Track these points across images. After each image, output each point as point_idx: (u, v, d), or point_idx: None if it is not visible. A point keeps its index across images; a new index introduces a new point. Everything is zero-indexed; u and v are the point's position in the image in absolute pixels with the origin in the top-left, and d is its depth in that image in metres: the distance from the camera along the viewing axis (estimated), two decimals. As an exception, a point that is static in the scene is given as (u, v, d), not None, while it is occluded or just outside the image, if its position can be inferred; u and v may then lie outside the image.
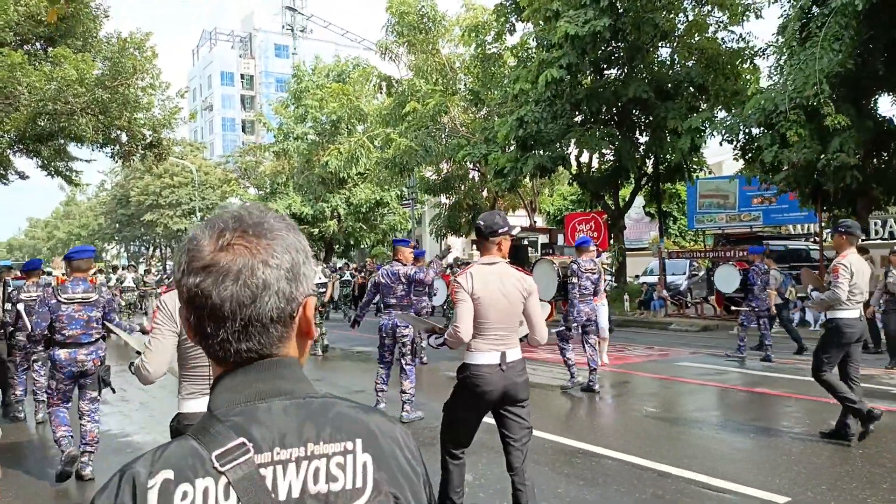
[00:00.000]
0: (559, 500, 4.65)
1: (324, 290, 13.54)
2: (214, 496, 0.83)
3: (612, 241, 20.28)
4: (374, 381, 7.40)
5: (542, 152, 18.10)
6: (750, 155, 15.90)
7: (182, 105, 17.80)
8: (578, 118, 18.83)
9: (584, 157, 20.81)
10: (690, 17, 18.50)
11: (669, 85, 17.72)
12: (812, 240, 21.63)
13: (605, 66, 18.81)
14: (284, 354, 0.94)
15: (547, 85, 16.28)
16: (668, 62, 18.55)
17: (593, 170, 20.53)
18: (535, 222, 26.16)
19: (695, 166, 19.45)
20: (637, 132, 19.04)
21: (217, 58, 77.90)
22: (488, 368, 3.56)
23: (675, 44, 18.68)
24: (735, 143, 16.32)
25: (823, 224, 16.97)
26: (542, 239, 25.10)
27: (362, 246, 39.75)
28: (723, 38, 17.94)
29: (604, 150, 17.67)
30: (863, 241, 16.88)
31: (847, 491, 4.58)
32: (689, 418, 7.14)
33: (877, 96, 15.17)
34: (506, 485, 4.91)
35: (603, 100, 17.71)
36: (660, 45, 18.67)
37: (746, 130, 14.55)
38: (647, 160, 19.68)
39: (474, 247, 25.83)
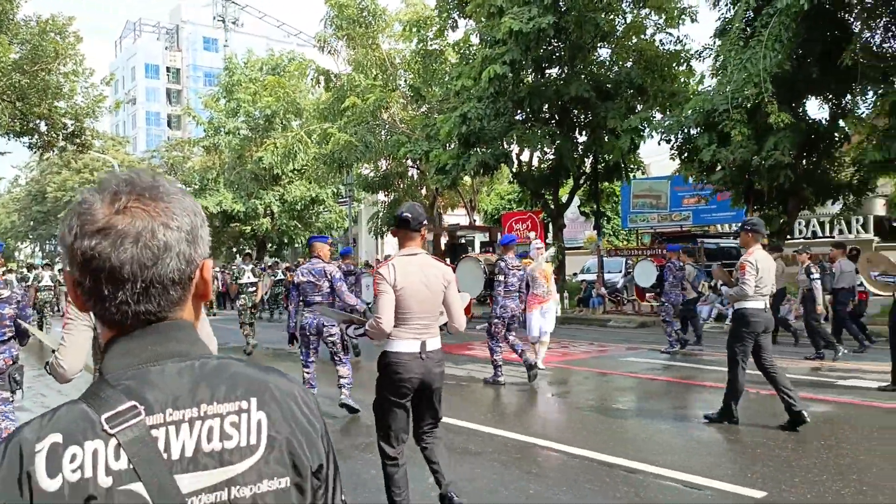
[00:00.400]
0: (532, 500, 4.44)
1: (253, 289, 13.04)
2: (104, 458, 0.84)
3: (552, 240, 20.37)
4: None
5: (484, 150, 17.99)
6: (686, 155, 16.24)
7: (107, 93, 16.84)
8: (520, 116, 18.82)
9: (525, 156, 20.83)
10: (629, 20, 18.79)
11: (609, 85, 17.88)
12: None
13: (547, 65, 18.85)
14: (180, 317, 0.94)
15: (490, 81, 16.17)
16: (607, 63, 18.74)
17: (533, 168, 20.55)
18: (474, 220, 26.08)
19: (632, 166, 19.74)
20: (577, 131, 19.15)
21: (141, 49, 74.88)
22: (408, 356, 3.62)
23: (614, 45, 18.92)
24: (672, 143, 16.64)
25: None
26: (482, 237, 25.06)
27: (296, 245, 38.90)
28: (661, 41, 18.26)
29: (545, 149, 17.67)
30: (788, 240, 17.54)
31: (819, 483, 4.55)
32: (647, 413, 7.09)
33: (806, 99, 15.72)
34: (472, 486, 4.70)
35: (545, 98, 17.74)
36: (599, 45, 18.88)
37: (685, 130, 14.81)
38: (586, 159, 19.85)
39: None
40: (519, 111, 18.55)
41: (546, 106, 18.32)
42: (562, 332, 14.59)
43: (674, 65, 18.16)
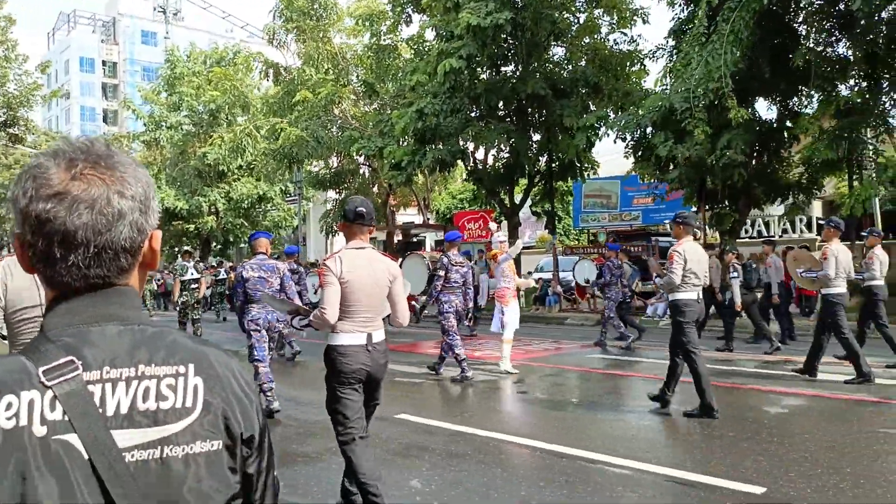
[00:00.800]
0: (527, 503, 4.19)
1: (196, 286, 12.79)
2: (40, 408, 0.86)
3: (508, 239, 20.26)
4: (261, 383, 6.66)
5: (440, 146, 17.74)
6: (640, 153, 16.35)
7: (42, 81, 15.87)
8: (475, 113, 18.65)
9: (480, 154, 20.69)
10: (582, 20, 18.85)
11: (563, 85, 17.86)
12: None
13: (501, 62, 18.73)
14: (126, 283, 0.97)
15: (445, 75, 15.93)
16: (563, 61, 18.74)
17: (488, 167, 20.41)
18: (427, 219, 25.80)
19: (587, 165, 19.79)
20: (533, 129, 19.10)
21: (76, 42, 71.78)
22: (355, 348, 3.67)
23: (568, 44, 18.94)
24: (627, 141, 16.74)
25: (706, 222, 17.72)
26: (436, 235, 24.80)
27: (241, 245, 37.86)
28: (615, 40, 18.37)
29: (502, 146, 17.50)
30: (738, 238, 17.84)
31: (815, 477, 4.44)
32: (627, 409, 6.96)
33: (756, 100, 16.03)
34: (458, 490, 4.43)
35: (501, 95, 17.61)
36: (554, 44, 18.87)
37: (642, 128, 14.87)
38: (541, 158, 19.82)
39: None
40: (475, 108, 18.39)
41: (502, 103, 18.20)
42: (520, 331, 14.43)
43: (627, 64, 18.30)
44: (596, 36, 18.79)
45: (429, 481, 4.59)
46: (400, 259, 11.65)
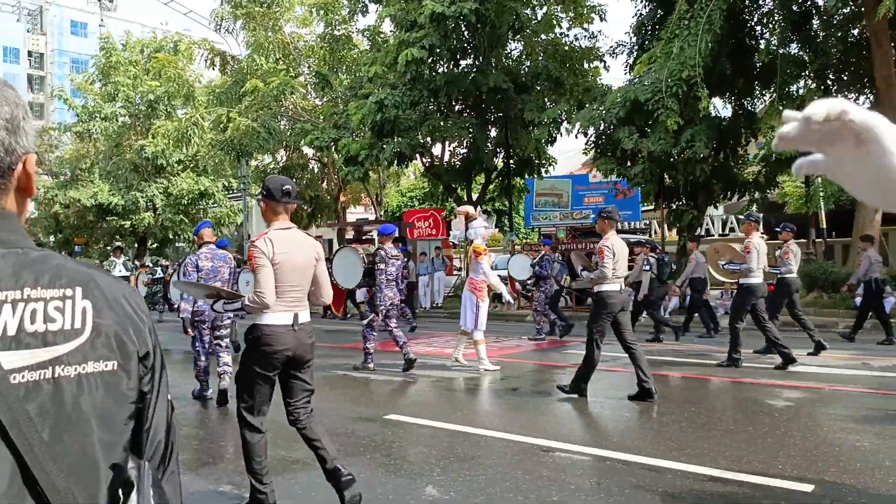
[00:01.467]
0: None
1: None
2: None
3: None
4: (197, 375, 7.00)
5: (399, 139, 17.19)
6: (601, 149, 16.22)
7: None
8: (433, 106, 18.18)
9: (437, 149, 20.23)
10: (539, 15, 18.63)
11: (524, 79, 17.59)
12: (648, 234, 22.82)
13: (461, 55, 18.32)
14: (2, 207, 0.95)
15: (407, 65, 15.43)
16: (522, 55, 18.47)
17: (446, 162, 19.97)
18: (380, 216, 25.12)
19: (544, 161, 19.58)
20: (491, 124, 18.76)
21: (-1, 31, 67.92)
22: (281, 328, 3.61)
23: (527, 39, 18.69)
24: (590, 136, 16.60)
25: (664, 219, 17.76)
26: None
27: (179, 244, 36.30)
28: (576, 36, 18.21)
29: (463, 140, 17.05)
30: (694, 236, 17.93)
31: (865, 472, 4.15)
32: (626, 405, 6.60)
33: (714, 97, 16.13)
34: (483, 497, 3.96)
35: (461, 88, 17.18)
36: (513, 38, 18.58)
37: (606, 122, 14.70)
38: (499, 153, 19.52)
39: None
40: (434, 101, 17.91)
41: (462, 96, 17.78)
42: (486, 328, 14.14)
43: (584, 60, 18.17)
44: (555, 31, 18.62)
45: (446, 488, 4.10)
46: (333, 251, 11.52)
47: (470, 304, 8.57)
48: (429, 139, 18.16)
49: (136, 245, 33.06)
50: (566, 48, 18.17)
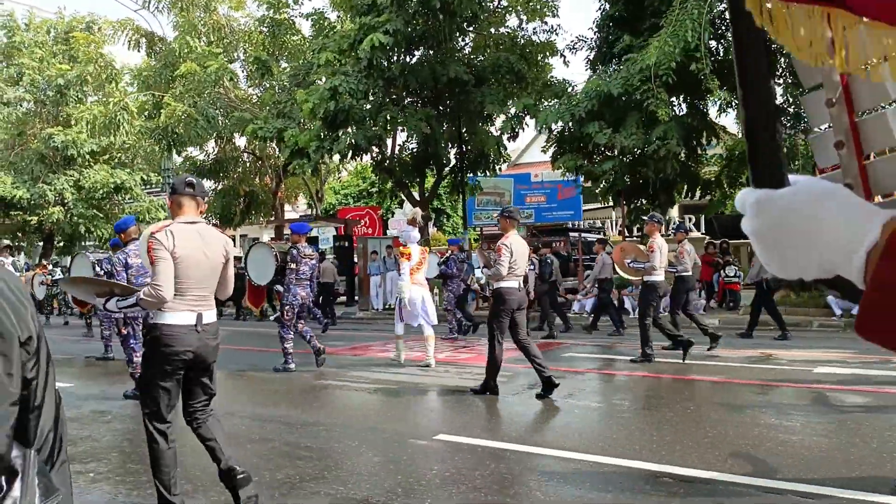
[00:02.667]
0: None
1: None
2: None
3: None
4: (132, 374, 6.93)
5: (353, 130, 16.17)
6: (565, 144, 15.80)
7: None
8: (388, 97, 17.24)
9: (388, 142, 19.29)
10: (492, 6, 18.10)
11: (484, 70, 16.93)
12: (602, 233, 22.69)
13: (415, 45, 17.47)
14: None
15: (372, 49, 14.44)
16: (481, 47, 17.82)
17: (397, 156, 19.05)
18: (320, 213, 23.87)
19: (500, 158, 19.02)
20: (446, 117, 17.99)
21: None
22: (183, 329, 3.44)
23: (485, 28, 18.09)
24: (553, 132, 16.16)
25: (626, 217, 17.52)
26: (332, 231, 22.99)
27: (89, 242, 33.51)
28: (535, 30, 17.74)
29: (424, 132, 16.16)
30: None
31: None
32: (633, 409, 6.00)
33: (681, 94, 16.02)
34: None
35: (419, 79, 16.33)
36: (468, 29, 17.93)
37: (576, 117, 14.24)
38: (452, 149, 18.80)
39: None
40: (389, 91, 16.99)
41: (419, 88, 16.92)
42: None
43: (542, 55, 17.73)
44: (510, 25, 18.13)
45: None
46: (246, 249, 11.41)
47: (420, 304, 8.79)
48: (384, 131, 17.18)
49: (40, 243, 30.27)
50: (522, 41, 17.67)
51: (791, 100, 14.55)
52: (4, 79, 27.15)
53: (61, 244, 31.19)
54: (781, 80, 14.89)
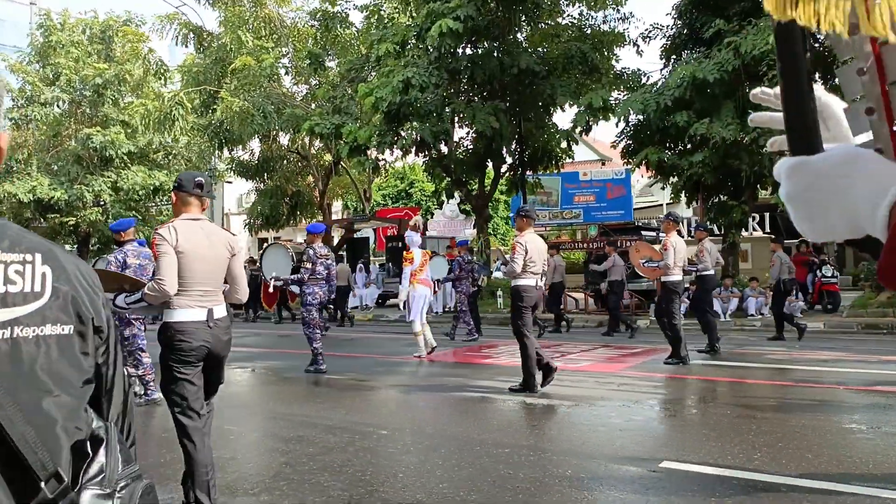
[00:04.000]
0: None
1: None
2: None
3: (478, 234, 18.33)
4: (143, 373, 6.73)
5: (418, 124, 15.41)
6: (643, 137, 15.01)
7: None
8: (453, 90, 16.50)
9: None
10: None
11: (555, 62, 16.11)
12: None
13: (479, 36, 16.66)
14: None
15: (441, 36, 13.67)
16: (549, 36, 16.99)
17: (455, 153, 18.25)
18: (368, 212, 23.12)
19: (565, 154, 18.20)
20: (512, 111, 17.18)
21: None
22: (195, 325, 3.43)
23: (544, 20, 17.29)
24: (625, 126, 15.41)
25: (704, 214, 16.64)
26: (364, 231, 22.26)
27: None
28: (605, 18, 16.93)
29: (493, 126, 15.29)
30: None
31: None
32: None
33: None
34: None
35: (488, 70, 15.52)
36: (533, 16, 17.11)
37: (664, 105, 13.40)
38: (514, 143, 18.00)
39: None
40: (453, 84, 16.22)
41: (487, 80, 16.10)
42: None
43: (614, 45, 16.92)
44: (571, 15, 17.32)
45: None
46: (262, 249, 11.71)
47: (419, 297, 9.54)
48: (450, 125, 16.40)
49: (76, 246, 29.78)
50: (591, 31, 16.85)
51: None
52: (41, 78, 26.69)
53: (97, 247, 30.72)
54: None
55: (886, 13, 0.64)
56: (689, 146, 14.02)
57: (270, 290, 10.02)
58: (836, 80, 0.82)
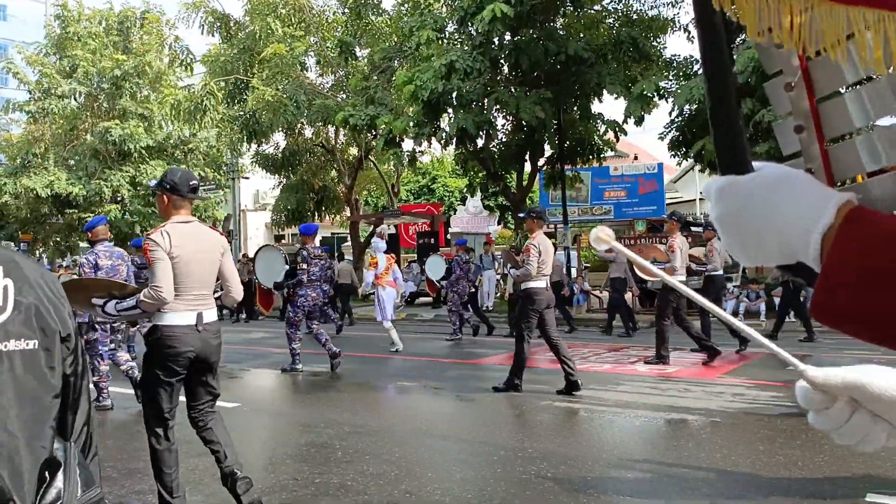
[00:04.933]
0: None
1: None
2: None
3: (515, 230, 17.61)
4: (97, 379, 6.58)
5: (460, 114, 14.68)
6: (697, 127, 14.28)
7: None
8: (494, 77, 15.77)
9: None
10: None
11: (602, 48, 15.34)
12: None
13: (523, 22, 15.89)
14: None
15: (492, 21, 12.95)
16: (596, 21, 16.23)
17: (492, 145, 17.52)
18: (397, 206, 22.42)
19: (606, 147, 17.44)
20: (554, 101, 16.41)
21: None
22: (184, 329, 3.43)
23: (587, 6, 16.54)
24: (675, 116, 14.71)
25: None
26: (415, 226, 21.56)
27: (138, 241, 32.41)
28: (653, 3, 16.18)
29: (539, 116, 14.51)
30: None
31: None
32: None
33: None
34: None
35: (533, 57, 14.76)
36: (572, 7, 16.36)
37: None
38: (556, 133, 17.24)
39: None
40: (495, 71, 15.49)
41: (530, 67, 15.34)
42: (584, 336, 12.18)
43: (662, 32, 16.17)
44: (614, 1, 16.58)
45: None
46: (255, 252, 11.58)
47: (387, 298, 10.15)
48: (493, 115, 15.67)
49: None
50: (637, 16, 16.10)
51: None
52: (59, 70, 26.08)
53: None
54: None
55: (808, 25, 0.60)
56: (755, 136, 13.28)
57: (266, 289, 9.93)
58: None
